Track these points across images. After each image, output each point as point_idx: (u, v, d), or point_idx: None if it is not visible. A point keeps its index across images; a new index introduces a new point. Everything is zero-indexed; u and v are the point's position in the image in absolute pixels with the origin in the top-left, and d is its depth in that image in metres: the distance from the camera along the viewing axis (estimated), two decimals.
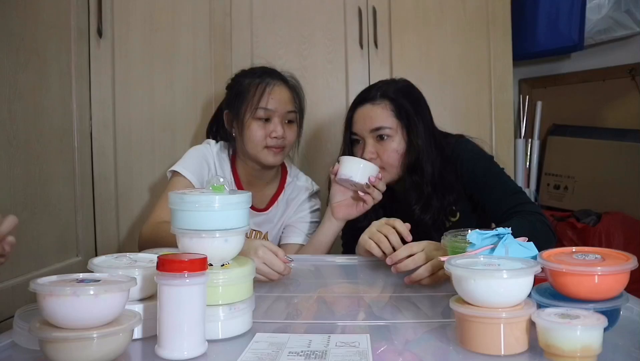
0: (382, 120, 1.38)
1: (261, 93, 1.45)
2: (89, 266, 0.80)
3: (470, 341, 0.72)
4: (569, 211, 2.18)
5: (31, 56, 1.58)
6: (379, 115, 1.38)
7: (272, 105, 1.45)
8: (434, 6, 1.99)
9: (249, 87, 1.47)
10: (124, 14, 1.95)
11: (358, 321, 0.92)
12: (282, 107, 1.46)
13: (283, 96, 1.47)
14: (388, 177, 1.40)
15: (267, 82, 1.47)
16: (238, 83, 1.52)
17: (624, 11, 2.10)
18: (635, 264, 0.74)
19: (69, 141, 1.79)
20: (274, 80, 1.48)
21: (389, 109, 1.38)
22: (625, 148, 2.11)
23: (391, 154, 1.38)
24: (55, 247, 1.69)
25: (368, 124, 1.39)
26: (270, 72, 1.52)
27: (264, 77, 1.48)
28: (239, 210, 0.82)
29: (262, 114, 1.45)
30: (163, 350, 0.71)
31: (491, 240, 0.88)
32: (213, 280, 0.77)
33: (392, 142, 1.38)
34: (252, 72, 1.54)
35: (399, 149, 1.38)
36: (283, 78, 1.51)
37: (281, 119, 1.46)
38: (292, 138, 1.49)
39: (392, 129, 1.38)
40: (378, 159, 1.38)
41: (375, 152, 1.38)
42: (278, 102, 1.45)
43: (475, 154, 1.42)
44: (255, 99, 1.45)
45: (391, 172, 1.40)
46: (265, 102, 1.44)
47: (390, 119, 1.38)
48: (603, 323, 0.66)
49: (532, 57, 2.36)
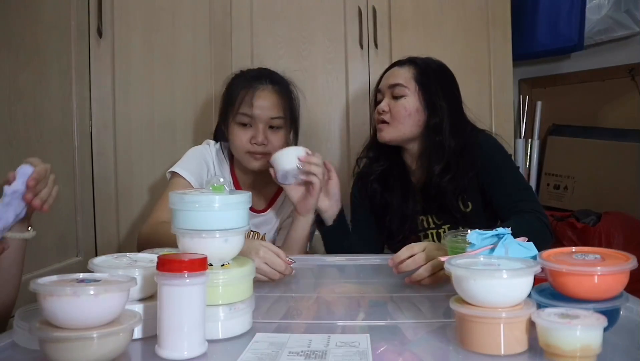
0: (401, 78, 1.43)
1: (243, 98, 1.45)
2: (89, 266, 0.80)
3: (470, 341, 0.72)
4: (568, 211, 2.18)
5: (31, 56, 1.58)
6: (400, 74, 1.45)
7: (254, 111, 1.44)
8: (434, 6, 1.99)
9: (235, 91, 1.48)
10: (124, 14, 1.95)
11: (358, 321, 0.92)
12: (265, 113, 1.44)
13: (268, 102, 1.45)
14: (393, 134, 1.43)
15: (253, 87, 1.46)
16: (230, 85, 1.52)
17: (624, 11, 2.10)
18: (635, 264, 0.74)
19: (69, 141, 1.79)
20: (262, 84, 1.47)
21: (411, 72, 1.44)
22: (625, 148, 2.11)
23: (400, 110, 1.42)
24: (55, 247, 1.69)
25: (389, 80, 1.46)
26: (261, 75, 1.50)
27: (251, 81, 1.48)
28: (239, 210, 0.82)
29: (244, 119, 1.45)
30: (163, 350, 0.71)
31: (491, 240, 0.88)
32: (213, 280, 0.77)
33: (404, 100, 1.42)
34: (244, 74, 1.53)
35: (409, 108, 1.41)
36: (273, 81, 1.50)
37: (264, 125, 1.45)
38: (277, 144, 1.47)
39: (407, 88, 1.42)
40: (388, 114, 1.43)
41: (387, 106, 1.43)
42: (261, 108, 1.44)
43: (495, 147, 1.44)
44: (237, 104, 1.45)
45: (396, 129, 1.43)
46: (248, 107, 1.44)
47: (408, 79, 1.43)
48: (603, 323, 0.66)
49: (532, 57, 2.36)
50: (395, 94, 1.43)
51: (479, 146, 1.41)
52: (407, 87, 1.42)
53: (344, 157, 2.00)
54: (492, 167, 1.39)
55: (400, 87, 1.42)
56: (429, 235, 1.47)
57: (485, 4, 1.99)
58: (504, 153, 1.45)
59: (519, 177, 1.41)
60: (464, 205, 1.41)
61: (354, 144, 1.90)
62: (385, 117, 1.43)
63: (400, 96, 1.42)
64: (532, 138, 2.39)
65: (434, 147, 1.41)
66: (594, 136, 2.24)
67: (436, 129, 1.41)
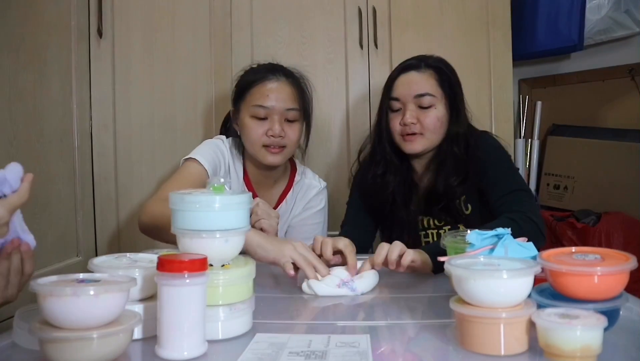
0: (427, 87, 1.39)
1: (259, 90, 1.43)
2: (89, 266, 0.80)
3: (470, 341, 0.72)
4: (568, 211, 2.18)
5: (31, 56, 1.58)
6: (425, 81, 1.39)
7: (269, 102, 1.42)
8: (434, 6, 1.99)
9: (249, 84, 1.46)
10: (124, 14, 1.95)
11: (358, 321, 0.92)
12: (280, 105, 1.42)
13: (283, 94, 1.43)
14: (426, 144, 1.40)
15: (267, 79, 1.44)
16: (241, 80, 1.51)
17: (624, 11, 2.10)
18: (635, 264, 0.74)
19: (69, 141, 1.79)
20: (275, 76, 1.45)
21: (434, 78, 1.40)
22: (625, 148, 2.11)
23: (433, 121, 1.38)
24: (55, 247, 1.69)
25: (414, 89, 1.39)
26: (273, 68, 1.48)
27: (265, 73, 1.46)
28: (239, 210, 0.82)
29: (259, 112, 1.42)
30: (163, 350, 0.71)
31: (491, 240, 0.88)
32: (213, 280, 0.77)
33: (434, 110, 1.38)
34: (255, 69, 1.52)
35: (441, 117, 1.39)
36: (287, 74, 1.48)
37: (280, 117, 1.43)
38: (294, 137, 1.45)
39: (435, 97, 1.38)
40: (418, 124, 1.38)
41: (416, 117, 1.38)
42: (276, 100, 1.42)
43: (495, 147, 1.43)
44: (252, 97, 1.43)
45: (430, 140, 1.40)
46: (263, 99, 1.42)
47: (434, 87, 1.39)
48: (603, 323, 0.66)
49: (532, 57, 2.35)
50: (424, 104, 1.38)
51: (479, 148, 1.40)
52: (435, 96, 1.38)
53: (344, 157, 2.00)
54: (492, 169, 1.37)
55: (430, 97, 1.38)
56: (429, 235, 1.47)
57: (485, 4, 1.99)
58: (504, 154, 1.43)
59: (517, 179, 1.39)
60: (465, 207, 1.41)
61: (354, 144, 1.90)
62: (415, 129, 1.38)
63: (429, 106, 1.38)
64: (532, 138, 2.39)
65: (452, 157, 1.39)
66: (594, 136, 2.24)
67: (456, 138, 1.39)
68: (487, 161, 1.38)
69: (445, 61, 1.46)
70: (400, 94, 1.41)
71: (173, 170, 1.93)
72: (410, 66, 1.42)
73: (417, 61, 1.43)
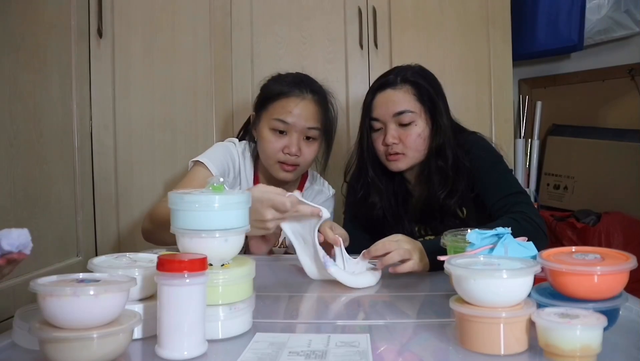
0: (405, 104, 1.35)
1: (282, 104, 1.40)
2: (89, 266, 0.80)
3: (470, 341, 0.72)
4: (568, 211, 2.18)
5: (31, 56, 1.58)
6: (401, 99, 1.36)
7: (291, 119, 1.39)
8: (434, 6, 1.99)
9: (273, 95, 1.43)
10: (124, 14, 1.95)
11: (358, 321, 0.92)
12: (302, 123, 1.40)
13: (306, 111, 1.40)
14: (410, 162, 1.38)
15: (292, 93, 1.41)
16: (267, 88, 1.48)
17: (624, 11, 2.10)
18: (634, 264, 0.74)
19: (69, 141, 1.79)
20: (301, 92, 1.42)
21: (411, 93, 1.36)
22: (625, 148, 2.11)
23: (415, 139, 1.35)
24: (55, 247, 1.69)
25: (391, 109, 1.36)
26: (301, 82, 1.45)
27: (291, 87, 1.42)
28: (239, 210, 0.82)
29: (279, 125, 1.40)
30: (163, 350, 0.71)
31: (490, 240, 0.88)
32: (213, 280, 0.77)
33: (415, 126, 1.36)
34: (283, 79, 1.48)
35: (422, 134, 1.36)
36: (314, 90, 1.44)
37: (300, 135, 1.40)
38: (309, 157, 1.43)
39: (415, 113, 1.35)
40: (400, 144, 1.36)
41: (397, 137, 1.36)
42: (298, 117, 1.39)
43: (486, 150, 1.41)
44: (275, 109, 1.40)
45: (414, 157, 1.38)
46: (285, 114, 1.39)
47: (412, 102, 1.36)
48: (603, 322, 0.66)
49: (532, 57, 2.36)
50: (404, 121, 1.35)
51: (470, 152, 1.38)
52: (414, 112, 1.35)
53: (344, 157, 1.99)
54: (485, 175, 1.35)
55: (409, 114, 1.35)
56: None
57: (485, 4, 1.99)
58: (495, 155, 1.41)
59: (509, 181, 1.37)
60: (460, 211, 1.40)
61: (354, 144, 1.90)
62: (398, 149, 1.36)
63: (410, 122, 1.35)
64: (532, 138, 2.39)
65: (437, 172, 1.37)
66: (594, 136, 2.24)
67: (440, 151, 1.36)
68: (479, 167, 1.36)
69: (423, 70, 1.43)
70: (379, 115, 1.38)
71: (173, 170, 1.94)
72: (386, 83, 1.39)
73: (394, 76, 1.39)
